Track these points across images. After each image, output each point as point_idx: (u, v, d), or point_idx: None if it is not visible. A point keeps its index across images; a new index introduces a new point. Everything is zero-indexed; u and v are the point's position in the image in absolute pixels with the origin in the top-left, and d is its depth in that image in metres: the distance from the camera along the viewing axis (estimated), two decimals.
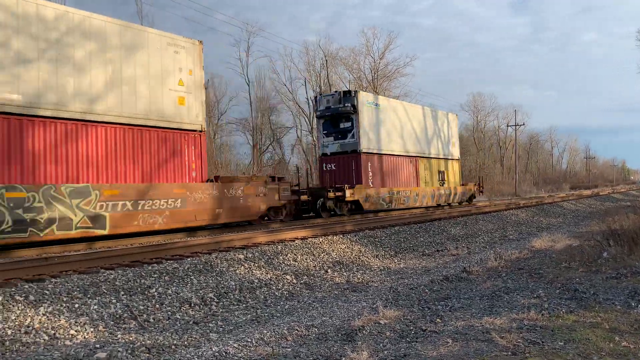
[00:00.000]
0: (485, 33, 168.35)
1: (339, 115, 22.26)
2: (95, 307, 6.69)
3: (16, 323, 5.94)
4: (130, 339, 5.79)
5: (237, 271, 9.08)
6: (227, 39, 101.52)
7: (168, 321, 6.75)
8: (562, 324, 5.23)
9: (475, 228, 17.94)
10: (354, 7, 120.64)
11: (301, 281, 9.28)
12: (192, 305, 7.36)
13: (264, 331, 5.78)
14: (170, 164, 14.55)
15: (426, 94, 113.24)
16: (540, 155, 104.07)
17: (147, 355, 5.29)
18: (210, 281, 8.34)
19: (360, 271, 10.55)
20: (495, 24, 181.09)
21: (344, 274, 10.20)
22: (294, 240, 11.93)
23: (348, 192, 20.17)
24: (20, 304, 6.42)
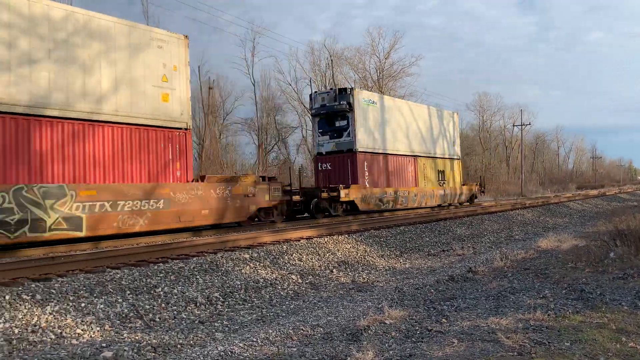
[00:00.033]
0: (492, 32, 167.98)
1: (335, 114, 21.55)
2: (102, 307, 6.71)
3: (23, 322, 5.97)
4: (136, 338, 5.82)
5: (243, 271, 9.10)
6: (233, 39, 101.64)
7: (174, 320, 6.77)
8: (569, 325, 5.21)
9: (481, 228, 17.89)
10: (359, 7, 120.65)
11: (306, 281, 9.28)
12: (198, 304, 7.37)
13: (270, 331, 5.79)
14: (153, 163, 13.91)
15: (431, 94, 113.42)
16: (546, 155, 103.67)
17: (153, 354, 5.31)
18: (216, 281, 8.36)
19: (366, 271, 10.54)
20: (501, 23, 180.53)
21: (350, 273, 10.19)
22: (299, 240, 11.94)
23: (343, 193, 19.61)
24: (27, 303, 6.45)
